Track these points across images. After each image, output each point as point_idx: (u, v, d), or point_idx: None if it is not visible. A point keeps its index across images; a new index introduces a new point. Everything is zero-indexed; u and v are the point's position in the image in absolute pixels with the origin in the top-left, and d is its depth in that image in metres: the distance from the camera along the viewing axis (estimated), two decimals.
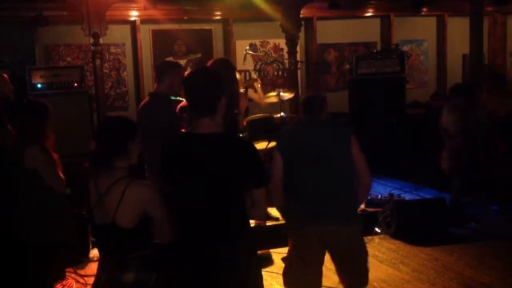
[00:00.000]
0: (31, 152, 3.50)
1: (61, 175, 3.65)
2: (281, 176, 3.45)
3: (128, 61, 8.73)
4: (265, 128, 6.13)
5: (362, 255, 3.51)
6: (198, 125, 2.62)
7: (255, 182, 2.62)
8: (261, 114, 6.26)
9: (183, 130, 4.30)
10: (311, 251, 3.46)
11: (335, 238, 3.42)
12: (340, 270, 3.55)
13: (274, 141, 3.60)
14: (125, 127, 2.76)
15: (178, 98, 4.75)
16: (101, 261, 2.81)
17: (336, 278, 4.50)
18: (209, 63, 3.65)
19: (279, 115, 6.67)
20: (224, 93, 2.62)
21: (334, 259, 3.54)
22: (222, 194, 2.60)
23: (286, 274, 3.57)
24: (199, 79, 2.65)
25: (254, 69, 9.27)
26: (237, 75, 5.85)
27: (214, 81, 2.62)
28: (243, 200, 2.64)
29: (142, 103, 4.68)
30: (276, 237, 5.55)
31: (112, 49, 8.59)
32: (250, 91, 6.53)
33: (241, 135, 5.94)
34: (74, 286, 4.83)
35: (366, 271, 3.53)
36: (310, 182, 3.41)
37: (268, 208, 5.80)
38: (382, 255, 5.37)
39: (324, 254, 3.52)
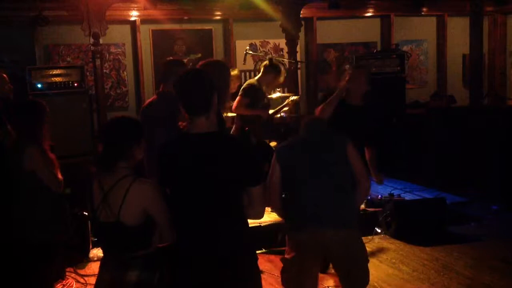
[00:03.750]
0: (29, 152, 3.49)
1: (59, 175, 3.64)
2: (278, 185, 3.49)
3: (128, 61, 8.73)
4: (265, 128, 6.15)
5: (362, 258, 3.51)
6: (194, 125, 2.63)
7: (251, 180, 2.62)
8: None
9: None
10: (307, 256, 3.47)
11: (332, 243, 3.41)
12: (340, 274, 3.55)
13: (274, 152, 3.64)
14: (131, 131, 2.75)
15: None
16: (104, 260, 2.81)
17: (337, 278, 4.49)
18: (200, 64, 3.65)
19: (279, 115, 6.67)
20: (215, 91, 2.63)
21: (333, 263, 3.55)
22: (219, 193, 2.60)
23: (283, 275, 3.61)
24: (190, 80, 2.66)
25: (254, 69, 9.26)
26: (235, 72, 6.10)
27: (205, 80, 2.64)
28: (240, 199, 2.64)
29: (148, 101, 4.63)
30: (277, 236, 5.55)
31: (112, 49, 8.59)
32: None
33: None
34: (74, 286, 4.83)
35: (366, 272, 3.54)
36: (307, 189, 3.44)
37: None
38: (382, 255, 5.37)
39: (321, 259, 3.53)
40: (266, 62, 6.25)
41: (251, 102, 5.98)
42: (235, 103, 6.00)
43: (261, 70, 6.22)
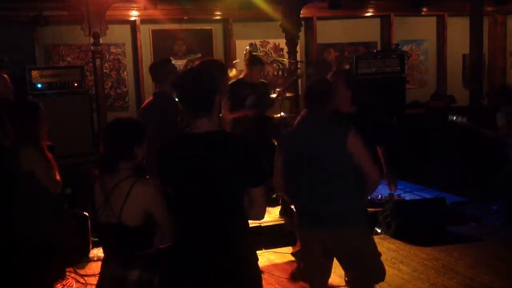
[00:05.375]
0: (26, 153, 3.49)
1: (57, 175, 3.63)
2: (281, 177, 3.45)
3: (128, 61, 8.72)
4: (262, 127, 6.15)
5: (369, 255, 3.47)
6: (195, 124, 2.62)
7: (252, 180, 2.61)
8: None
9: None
10: (312, 251, 3.46)
11: (335, 242, 3.39)
12: (349, 271, 3.52)
13: (279, 140, 3.59)
14: (133, 131, 2.75)
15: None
16: (106, 259, 2.82)
17: (337, 278, 4.50)
18: (196, 63, 3.64)
19: (279, 115, 6.68)
20: (218, 91, 2.63)
21: (340, 261, 3.51)
22: (220, 193, 2.60)
23: (297, 266, 3.64)
24: (193, 80, 2.64)
25: None
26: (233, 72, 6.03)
27: (208, 80, 2.63)
28: (241, 199, 2.64)
29: (145, 103, 4.64)
30: (277, 236, 5.56)
31: (112, 49, 8.58)
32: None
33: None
34: (74, 286, 4.83)
35: (378, 267, 3.51)
36: (309, 184, 3.38)
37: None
38: (382, 255, 5.35)
39: (328, 254, 3.48)
40: (247, 56, 6.21)
41: (232, 104, 5.70)
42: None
43: (245, 66, 6.18)
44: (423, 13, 9.96)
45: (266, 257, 5.32)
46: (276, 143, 5.89)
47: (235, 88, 5.94)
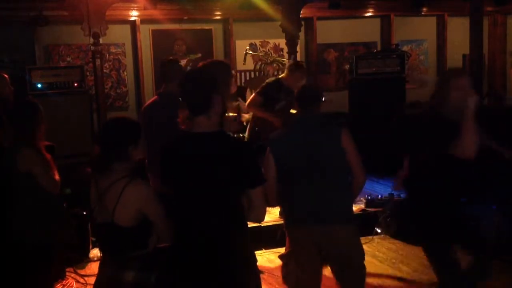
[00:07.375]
0: (23, 153, 3.48)
1: (56, 175, 3.63)
2: (274, 179, 3.43)
3: (128, 61, 8.73)
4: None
5: (358, 256, 3.49)
6: (195, 124, 2.63)
7: (250, 182, 2.62)
8: None
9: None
10: (305, 253, 3.47)
11: (329, 239, 3.40)
12: (336, 272, 3.52)
13: (268, 143, 3.57)
14: (128, 132, 2.74)
15: None
16: (102, 260, 2.82)
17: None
18: (201, 64, 3.64)
19: None
20: (219, 92, 2.64)
21: (329, 260, 3.52)
22: (219, 194, 2.60)
23: (283, 269, 3.62)
24: (194, 80, 2.68)
25: (254, 69, 9.28)
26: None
27: (208, 80, 2.66)
28: (240, 201, 2.64)
29: (149, 102, 4.60)
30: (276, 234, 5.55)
31: (112, 49, 8.59)
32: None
33: (240, 135, 5.95)
34: (74, 286, 4.83)
35: (362, 269, 3.51)
36: (302, 184, 3.39)
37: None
38: (382, 255, 5.37)
39: (320, 256, 3.50)
40: (292, 61, 6.17)
41: (264, 102, 5.85)
42: (249, 100, 5.97)
43: (286, 70, 6.07)
44: (423, 13, 9.96)
45: (266, 257, 5.32)
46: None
47: (270, 87, 5.93)
